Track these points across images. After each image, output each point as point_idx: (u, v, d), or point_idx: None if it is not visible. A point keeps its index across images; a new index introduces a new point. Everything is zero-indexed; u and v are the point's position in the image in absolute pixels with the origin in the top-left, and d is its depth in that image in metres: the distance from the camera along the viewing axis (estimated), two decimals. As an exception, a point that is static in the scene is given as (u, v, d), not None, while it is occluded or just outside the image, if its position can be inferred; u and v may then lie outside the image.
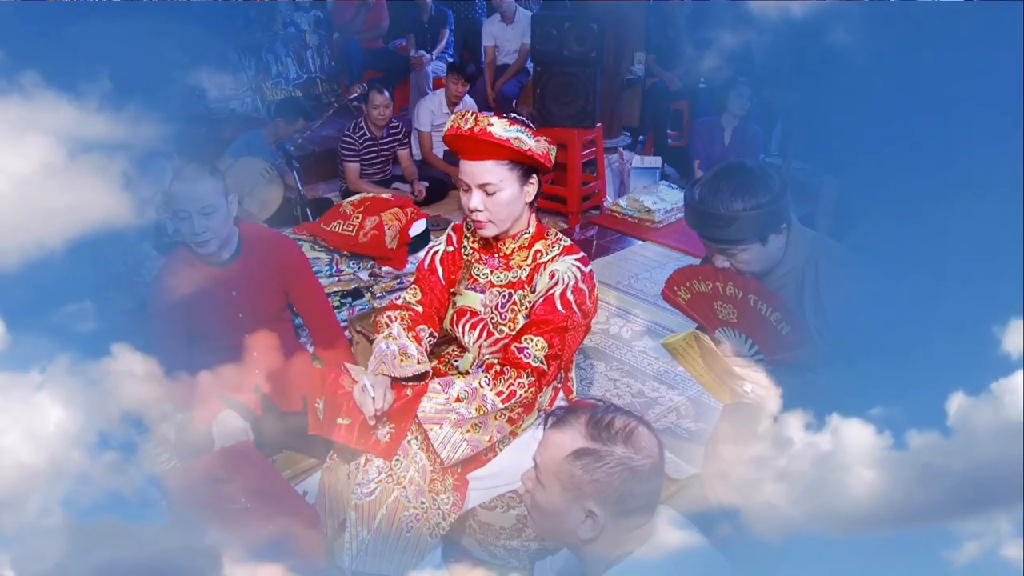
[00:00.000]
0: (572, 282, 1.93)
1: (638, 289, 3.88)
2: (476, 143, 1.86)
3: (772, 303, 1.70)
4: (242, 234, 2.36)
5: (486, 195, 1.90)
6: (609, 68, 5.08)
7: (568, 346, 1.94)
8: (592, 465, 1.23)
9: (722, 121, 4.63)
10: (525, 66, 5.90)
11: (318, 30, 6.87)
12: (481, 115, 1.88)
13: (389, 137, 4.81)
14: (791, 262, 1.79)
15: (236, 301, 2.35)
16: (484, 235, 1.99)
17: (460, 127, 1.87)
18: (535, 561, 1.80)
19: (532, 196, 1.98)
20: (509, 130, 1.85)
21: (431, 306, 2.10)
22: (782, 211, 1.71)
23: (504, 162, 1.88)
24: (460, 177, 1.95)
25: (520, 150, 1.86)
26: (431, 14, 6.34)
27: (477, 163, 1.89)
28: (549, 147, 1.95)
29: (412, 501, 1.86)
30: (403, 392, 1.92)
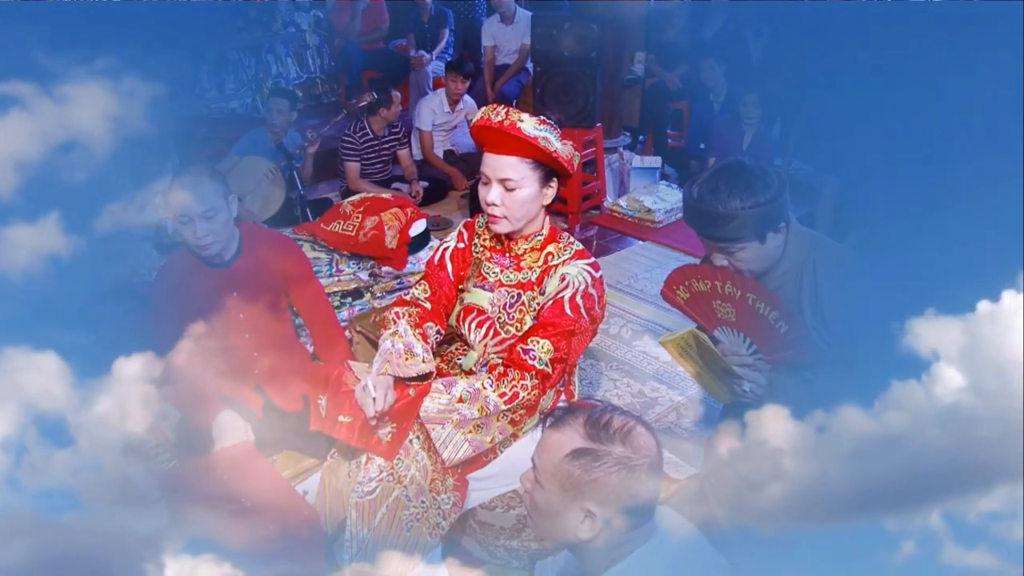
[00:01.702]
0: (582, 287, 1.93)
1: (638, 289, 3.88)
2: (503, 137, 1.86)
3: (770, 302, 1.70)
4: (243, 235, 2.36)
5: (505, 190, 1.90)
6: (609, 68, 5.08)
7: (574, 351, 1.94)
8: (590, 465, 1.23)
9: (743, 124, 4.61)
10: (525, 66, 5.91)
11: (318, 30, 6.87)
12: (513, 110, 1.87)
13: (389, 137, 4.82)
14: (789, 261, 1.79)
15: (237, 301, 2.35)
16: (496, 230, 1.98)
17: (490, 119, 1.87)
18: (535, 561, 1.80)
19: (550, 199, 1.98)
20: (538, 129, 1.86)
21: (439, 303, 2.10)
22: (780, 210, 1.72)
23: (528, 160, 1.89)
24: (482, 169, 1.95)
25: (546, 150, 1.86)
26: (431, 14, 6.34)
27: (501, 157, 1.89)
28: (574, 153, 1.95)
29: (412, 500, 1.86)
30: (406, 392, 1.92)
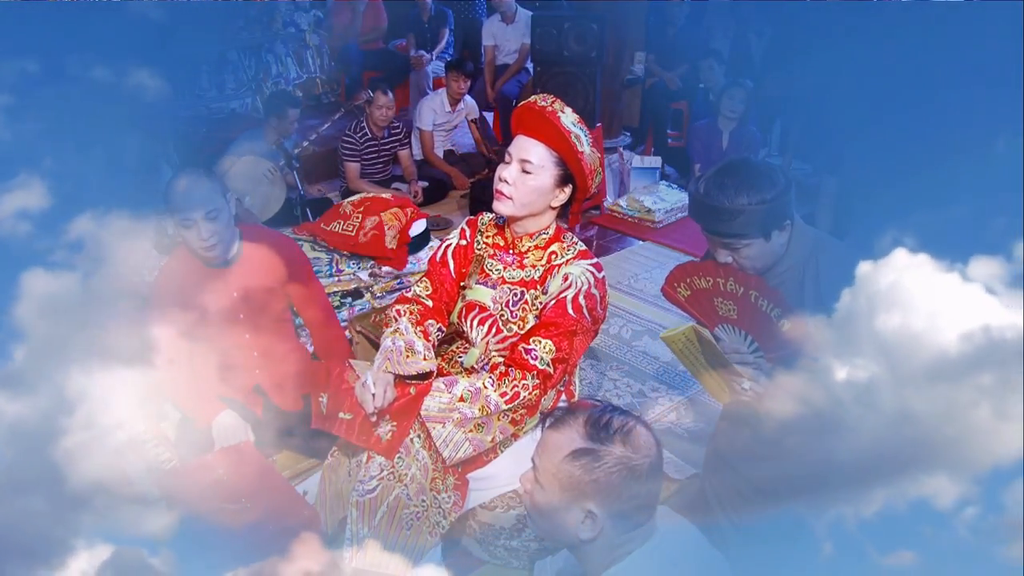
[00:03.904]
0: (585, 287, 1.94)
1: (638, 289, 3.88)
2: (541, 121, 1.90)
3: (773, 300, 1.70)
4: (243, 235, 2.36)
5: (521, 171, 1.92)
6: (609, 68, 5.08)
7: (575, 351, 1.94)
8: (591, 465, 1.23)
9: (719, 124, 4.64)
10: (525, 66, 5.90)
11: (318, 30, 6.87)
12: (560, 101, 1.94)
13: (390, 137, 4.82)
14: (792, 259, 1.79)
15: (237, 302, 2.35)
16: (497, 209, 1.98)
17: (536, 102, 1.93)
18: (535, 561, 1.80)
19: (559, 202, 1.99)
20: (576, 126, 1.91)
21: (440, 300, 2.10)
22: (786, 207, 1.72)
23: (554, 153, 1.91)
24: (508, 149, 1.98)
25: (574, 147, 1.90)
26: (431, 14, 6.34)
27: (530, 139, 1.93)
28: (598, 168, 1.98)
29: (413, 499, 1.86)
30: (406, 390, 1.92)
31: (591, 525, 1.25)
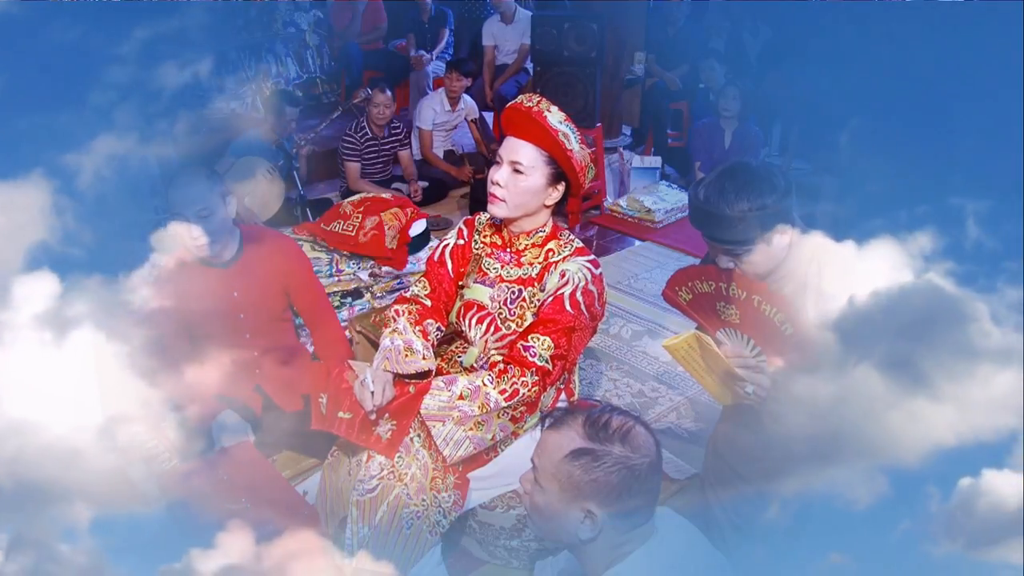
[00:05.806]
0: (582, 283, 1.94)
1: (638, 289, 3.88)
2: (528, 122, 1.90)
3: (776, 304, 1.69)
4: (243, 235, 2.36)
5: (513, 172, 1.92)
6: (609, 68, 5.08)
7: (574, 347, 1.94)
8: (590, 465, 1.23)
9: (721, 123, 4.64)
10: (524, 66, 5.90)
11: (318, 30, 6.87)
12: (545, 100, 1.94)
13: (390, 137, 4.82)
14: (794, 262, 1.79)
15: (237, 302, 2.35)
16: (492, 212, 1.98)
17: (523, 102, 1.93)
18: (535, 561, 1.80)
19: (553, 200, 1.99)
20: (563, 124, 1.91)
21: (439, 300, 2.10)
22: (787, 211, 1.71)
23: (544, 153, 1.91)
24: (499, 151, 1.98)
25: (563, 145, 1.89)
26: (431, 14, 6.34)
27: (519, 140, 1.93)
28: (589, 163, 1.97)
29: (413, 498, 1.86)
30: (406, 389, 1.92)
31: (590, 525, 1.25)
